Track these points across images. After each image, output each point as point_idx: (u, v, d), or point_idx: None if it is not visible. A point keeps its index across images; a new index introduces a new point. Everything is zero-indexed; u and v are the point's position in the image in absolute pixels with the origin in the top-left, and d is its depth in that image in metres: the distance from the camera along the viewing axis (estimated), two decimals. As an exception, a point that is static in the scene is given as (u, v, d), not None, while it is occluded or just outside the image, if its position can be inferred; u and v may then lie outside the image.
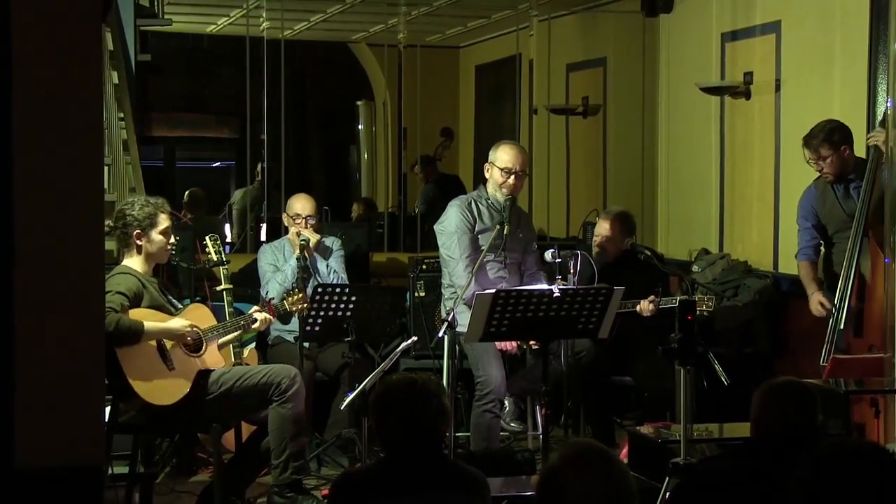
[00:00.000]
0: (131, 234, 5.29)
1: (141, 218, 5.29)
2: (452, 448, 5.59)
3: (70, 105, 3.33)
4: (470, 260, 6.08)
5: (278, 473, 5.45)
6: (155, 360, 5.14)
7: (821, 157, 6.20)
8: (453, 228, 6.15)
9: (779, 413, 3.71)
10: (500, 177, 6.17)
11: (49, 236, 3.31)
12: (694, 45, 8.39)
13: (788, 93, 7.37)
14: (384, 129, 12.84)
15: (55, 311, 3.32)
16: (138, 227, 5.29)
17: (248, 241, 10.23)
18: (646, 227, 8.80)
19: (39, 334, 3.30)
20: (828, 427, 4.86)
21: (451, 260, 6.15)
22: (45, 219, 3.31)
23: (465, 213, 6.18)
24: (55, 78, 3.31)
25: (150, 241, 5.32)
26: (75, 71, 3.33)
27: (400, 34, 11.04)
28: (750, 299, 7.26)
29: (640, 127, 9.09)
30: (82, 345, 3.35)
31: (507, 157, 6.19)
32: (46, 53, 3.30)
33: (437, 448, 3.58)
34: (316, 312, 6.02)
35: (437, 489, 3.49)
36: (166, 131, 14.54)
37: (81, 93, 3.34)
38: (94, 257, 3.40)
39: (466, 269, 6.05)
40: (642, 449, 5.32)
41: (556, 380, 5.95)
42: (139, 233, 5.29)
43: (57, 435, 3.32)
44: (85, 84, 3.35)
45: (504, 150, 6.24)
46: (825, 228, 6.39)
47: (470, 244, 6.14)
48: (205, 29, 11.74)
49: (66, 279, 3.33)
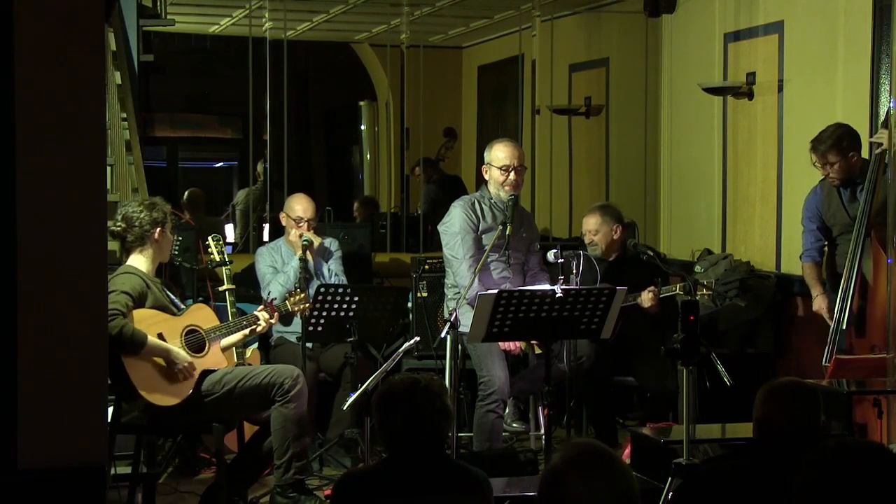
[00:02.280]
0: (152, 233, 5.31)
1: (159, 216, 5.34)
2: (455, 448, 5.59)
3: (73, 105, 3.33)
4: (473, 260, 6.08)
5: (281, 473, 5.45)
6: (158, 361, 5.15)
7: (828, 163, 6.18)
8: (457, 228, 6.16)
9: (781, 413, 3.71)
10: (500, 175, 6.17)
11: (52, 237, 3.32)
12: (697, 45, 8.38)
13: (791, 93, 7.37)
14: (387, 130, 12.83)
15: (58, 310, 3.32)
16: (159, 225, 5.33)
17: (251, 241, 10.23)
18: (648, 228, 8.80)
19: (42, 334, 3.31)
20: (830, 428, 4.86)
21: (454, 260, 6.15)
22: (47, 219, 3.31)
23: (469, 213, 6.18)
24: (58, 78, 3.32)
25: (166, 238, 5.38)
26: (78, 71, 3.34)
27: (403, 34, 11.03)
28: (752, 300, 7.26)
29: (643, 127, 9.09)
30: (85, 345, 3.35)
31: (503, 154, 6.19)
32: (49, 54, 3.30)
33: (440, 448, 3.58)
34: (318, 313, 6.02)
35: (439, 489, 3.49)
36: (169, 132, 14.53)
37: (84, 93, 3.35)
38: (97, 257, 3.41)
39: (470, 268, 6.06)
40: (645, 449, 5.32)
41: (558, 380, 5.96)
42: (160, 230, 5.33)
43: (60, 435, 3.33)
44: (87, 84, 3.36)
45: (498, 148, 6.24)
46: (829, 230, 6.38)
47: (473, 244, 6.14)
48: (207, 29, 11.73)
49: (69, 279, 3.33)
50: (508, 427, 6.32)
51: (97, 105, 3.42)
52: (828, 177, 6.25)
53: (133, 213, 5.33)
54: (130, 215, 5.32)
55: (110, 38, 7.13)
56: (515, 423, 6.41)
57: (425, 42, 11.79)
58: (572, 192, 10.06)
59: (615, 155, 9.53)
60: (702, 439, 5.11)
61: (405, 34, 11.01)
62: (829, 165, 6.18)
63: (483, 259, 5.88)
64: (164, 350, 5.16)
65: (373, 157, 13.20)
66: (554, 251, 5.88)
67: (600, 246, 6.70)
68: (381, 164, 13.06)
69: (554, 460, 2.74)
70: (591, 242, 6.75)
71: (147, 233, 5.32)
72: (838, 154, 6.15)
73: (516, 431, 6.55)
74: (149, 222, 5.30)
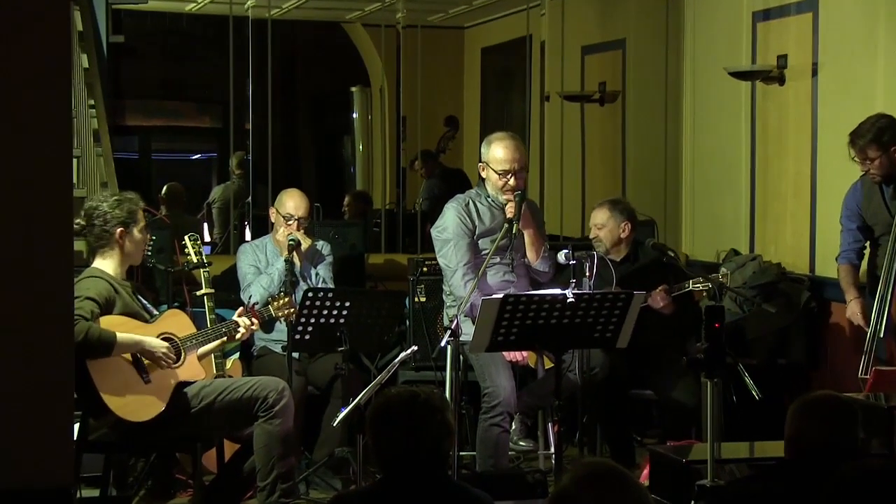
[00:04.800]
0: (113, 232, 5.29)
1: (123, 214, 5.30)
2: (456, 468, 5.59)
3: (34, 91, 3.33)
4: (468, 267, 6.05)
5: (265, 497, 5.45)
6: (129, 372, 5.15)
7: (868, 158, 6.18)
8: (450, 234, 6.12)
9: (816, 430, 3.71)
10: (499, 180, 6.12)
11: (12, 236, 3.31)
12: (722, 25, 8.39)
13: (826, 78, 7.37)
14: (381, 118, 12.85)
15: (19, 317, 3.32)
16: (121, 224, 5.30)
17: (232, 240, 10.24)
18: (669, 226, 8.80)
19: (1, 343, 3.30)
20: (870, 446, 4.86)
21: (447, 269, 6.14)
22: (7, 217, 3.31)
23: (464, 217, 6.14)
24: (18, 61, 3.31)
25: (132, 239, 5.34)
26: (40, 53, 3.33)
27: (399, 13, 11.04)
28: (783, 305, 7.26)
29: (663, 115, 9.09)
30: (49, 355, 3.35)
31: (503, 156, 6.11)
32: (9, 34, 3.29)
33: (441, 469, 3.58)
34: (306, 319, 6.02)
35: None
36: (141, 120, 14.56)
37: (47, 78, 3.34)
38: (62, 259, 3.40)
39: (465, 277, 6.03)
40: (665, 470, 5.32)
41: (569, 393, 5.95)
42: (122, 230, 5.30)
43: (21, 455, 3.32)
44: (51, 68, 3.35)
45: (497, 147, 6.14)
46: (871, 229, 6.38)
47: (468, 250, 6.10)
48: (184, 7, 11.74)
49: (31, 282, 3.32)
50: (515, 445, 6.32)
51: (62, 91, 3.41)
52: (868, 173, 6.25)
53: (95, 209, 5.32)
54: (91, 211, 5.32)
55: (76, 16, 7.14)
56: (523, 441, 6.41)
57: (423, 22, 11.80)
58: (585, 187, 10.07)
59: (632, 146, 9.54)
60: (727, 459, 5.11)
61: (401, 13, 11.02)
62: (869, 161, 6.19)
63: (483, 266, 5.87)
64: (136, 343, 5.15)
65: (366, 149, 13.21)
66: (565, 251, 5.88)
67: (604, 243, 6.70)
68: (374, 157, 13.08)
69: (563, 482, 2.74)
70: (596, 237, 6.75)
71: (107, 232, 5.30)
72: (879, 149, 6.15)
73: (524, 450, 6.54)
74: (112, 220, 5.28)
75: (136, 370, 5.17)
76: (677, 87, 8.96)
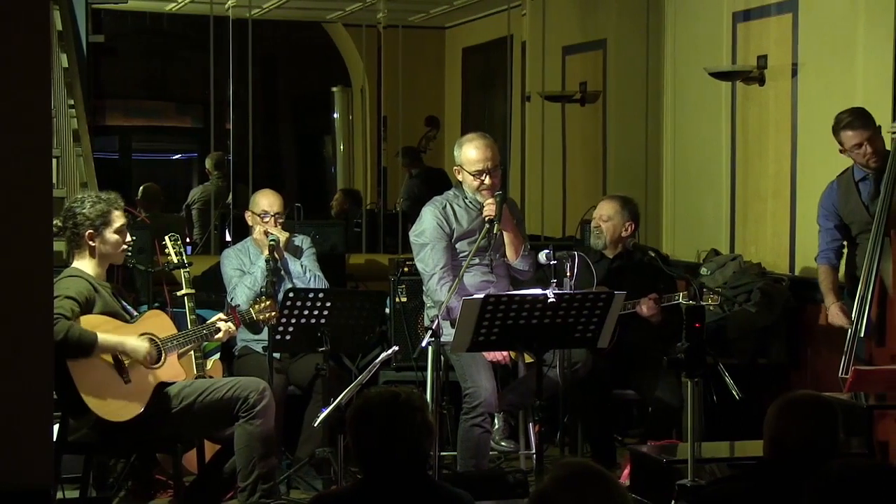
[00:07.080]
0: (83, 235, 5.27)
1: (93, 216, 5.28)
2: (437, 469, 5.59)
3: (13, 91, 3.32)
4: (444, 271, 6.04)
5: (245, 497, 5.44)
6: (109, 373, 5.13)
7: (864, 140, 6.11)
8: (427, 237, 6.12)
9: (796, 430, 3.72)
10: (474, 180, 6.11)
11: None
12: (703, 25, 8.40)
13: (806, 78, 7.39)
14: (362, 118, 12.84)
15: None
16: (90, 227, 5.28)
17: (213, 241, 10.22)
18: (649, 226, 8.80)
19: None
20: (850, 446, 4.88)
21: (424, 272, 6.13)
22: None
23: (441, 220, 6.13)
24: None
25: (104, 241, 5.32)
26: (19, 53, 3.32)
27: (380, 13, 11.04)
28: (764, 305, 7.27)
29: (644, 115, 9.10)
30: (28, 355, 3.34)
31: (475, 156, 6.10)
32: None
33: (421, 469, 3.58)
34: (287, 320, 6.01)
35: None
36: (122, 120, 14.52)
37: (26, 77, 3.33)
38: (41, 259, 3.39)
39: (441, 281, 6.01)
40: (645, 470, 5.33)
41: (550, 393, 5.95)
42: (91, 233, 5.28)
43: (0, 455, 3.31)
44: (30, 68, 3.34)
45: (468, 148, 6.13)
46: (848, 228, 6.38)
47: (445, 253, 6.09)
48: (164, 7, 11.71)
49: (10, 283, 3.32)
50: (497, 446, 6.31)
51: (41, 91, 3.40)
52: (866, 161, 6.18)
53: (69, 210, 5.31)
54: (66, 213, 5.31)
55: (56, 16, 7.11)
56: (504, 442, 6.40)
57: (404, 22, 11.81)
58: (566, 187, 10.08)
59: (613, 146, 9.55)
60: (708, 459, 5.12)
61: (382, 13, 11.02)
62: (868, 143, 6.14)
63: (464, 269, 5.86)
64: (118, 344, 5.13)
65: (347, 149, 13.20)
66: (546, 252, 5.87)
67: (606, 236, 6.71)
68: (355, 157, 13.07)
69: (544, 482, 2.74)
70: (598, 228, 6.75)
71: (77, 234, 5.28)
72: (868, 124, 6.11)
73: (505, 451, 6.54)
74: (83, 222, 5.26)
75: (116, 371, 5.15)
76: (658, 87, 8.97)
